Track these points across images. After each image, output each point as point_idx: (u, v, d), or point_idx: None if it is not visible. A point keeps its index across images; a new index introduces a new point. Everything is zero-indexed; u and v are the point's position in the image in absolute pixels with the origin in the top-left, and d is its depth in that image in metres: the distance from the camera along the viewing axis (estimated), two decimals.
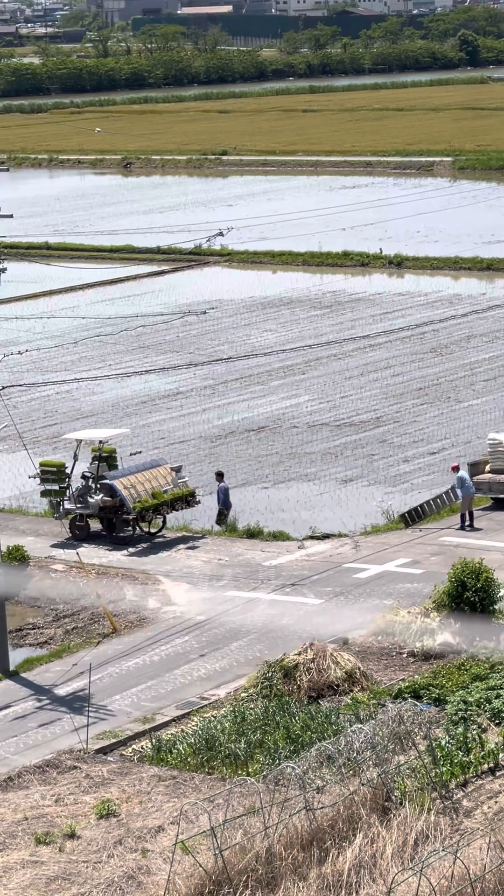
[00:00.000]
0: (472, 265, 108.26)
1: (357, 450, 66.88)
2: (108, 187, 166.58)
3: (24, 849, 35.11)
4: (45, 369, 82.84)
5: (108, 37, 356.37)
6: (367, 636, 46.40)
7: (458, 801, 35.45)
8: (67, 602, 51.56)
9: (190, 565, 53.64)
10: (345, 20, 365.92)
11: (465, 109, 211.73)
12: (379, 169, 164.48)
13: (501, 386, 75.33)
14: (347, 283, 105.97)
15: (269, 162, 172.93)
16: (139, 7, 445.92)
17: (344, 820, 33.68)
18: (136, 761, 39.48)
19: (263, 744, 38.97)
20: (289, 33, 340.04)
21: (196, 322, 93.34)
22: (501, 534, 55.00)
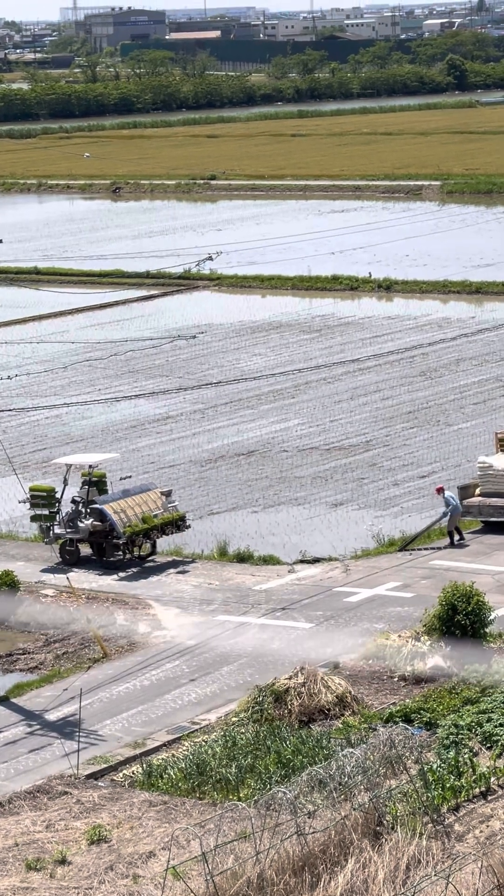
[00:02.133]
0: (461, 289, 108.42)
1: (347, 473, 66.91)
2: (97, 212, 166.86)
3: (15, 875, 35.06)
4: (35, 394, 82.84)
5: (97, 62, 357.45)
6: (357, 660, 46.40)
7: (449, 826, 35.44)
8: (58, 627, 51.54)
9: (180, 590, 53.63)
10: (333, 45, 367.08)
11: (453, 133, 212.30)
12: (368, 193, 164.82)
13: (491, 409, 75.40)
14: (336, 307, 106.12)
15: (258, 186, 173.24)
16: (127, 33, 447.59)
17: (335, 845, 33.65)
18: (126, 786, 39.44)
19: (254, 768, 38.94)
20: (277, 58, 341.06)
21: (185, 346, 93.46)
22: (492, 557, 55.03)
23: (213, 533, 58.95)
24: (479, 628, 46.07)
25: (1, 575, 51.88)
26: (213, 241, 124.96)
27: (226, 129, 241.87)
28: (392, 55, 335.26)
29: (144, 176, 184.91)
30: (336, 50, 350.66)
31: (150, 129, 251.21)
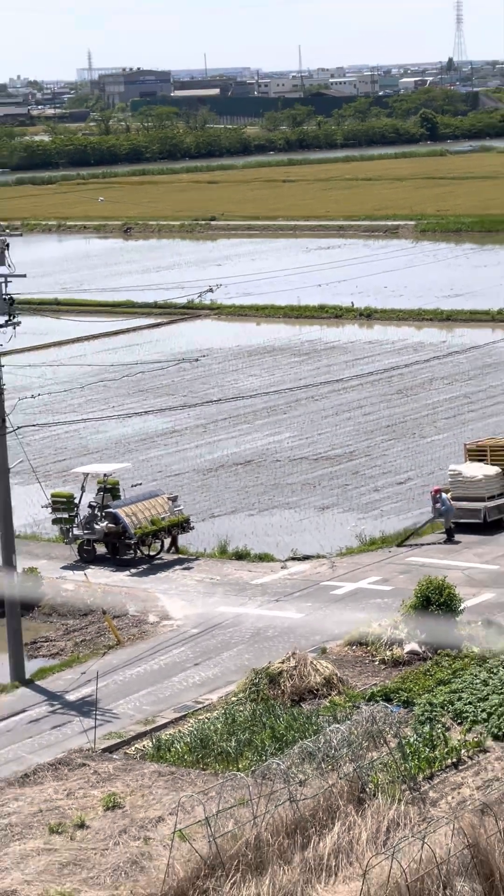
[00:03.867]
0: (434, 316, 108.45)
1: (333, 480, 66.93)
2: (111, 250, 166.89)
3: (39, 838, 35.07)
4: (55, 411, 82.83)
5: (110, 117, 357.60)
6: (342, 646, 46.41)
7: (425, 793, 35.45)
8: (76, 618, 51.55)
9: (185, 584, 53.65)
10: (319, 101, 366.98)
11: (426, 179, 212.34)
12: (350, 232, 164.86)
13: (460, 423, 75.42)
14: (323, 333, 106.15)
15: (253, 226, 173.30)
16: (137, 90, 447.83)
17: (324, 810, 33.65)
18: (138, 759, 39.45)
19: (251, 742, 38.95)
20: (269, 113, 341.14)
21: (189, 368, 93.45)
22: (462, 554, 55.05)
23: (214, 533, 58.95)
24: (450, 617, 46.09)
25: (26, 571, 51.89)
26: (213, 274, 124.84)
27: (224, 176, 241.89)
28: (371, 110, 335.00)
29: (152, 217, 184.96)
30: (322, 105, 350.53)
31: (157, 175, 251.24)
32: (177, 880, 31.89)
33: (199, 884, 31.79)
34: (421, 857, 30.67)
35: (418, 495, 62.17)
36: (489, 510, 57.87)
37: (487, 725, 39.20)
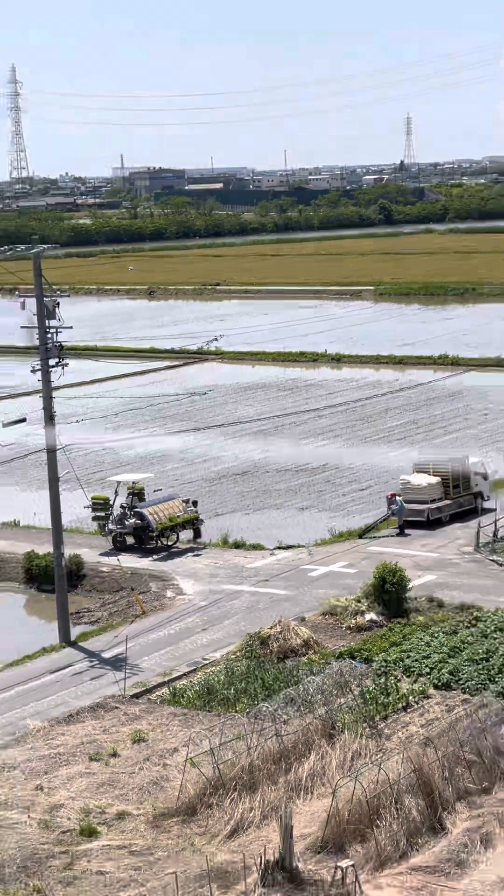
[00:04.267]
0: (389, 360, 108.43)
1: (310, 487, 66.92)
2: (138, 308, 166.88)
3: (81, 764, 35.07)
4: (95, 433, 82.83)
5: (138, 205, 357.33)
6: (317, 615, 46.43)
7: (381, 730, 35.47)
8: (110, 593, 51.53)
9: (195, 567, 53.63)
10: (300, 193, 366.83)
11: (383, 254, 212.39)
12: (324, 295, 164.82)
13: (409, 443, 75.40)
14: (303, 373, 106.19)
15: (249, 291, 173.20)
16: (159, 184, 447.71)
17: (302, 743, 33.69)
18: (158, 703, 39.45)
19: (247, 690, 38.96)
20: (262, 202, 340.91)
21: (199, 400, 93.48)
22: (411, 545, 55.04)
23: (218, 528, 58.90)
24: (401, 594, 46.18)
25: (71, 558, 51.87)
26: (218, 328, 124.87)
27: (227, 251, 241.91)
28: (341, 200, 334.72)
29: (171, 283, 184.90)
30: (302, 196, 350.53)
31: (174, 251, 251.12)
32: (188, 797, 31.95)
33: (205, 800, 31.85)
34: (378, 779, 30.72)
35: (376, 499, 62.24)
36: (431, 511, 57.90)
37: (430, 677, 39.23)
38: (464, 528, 56.87)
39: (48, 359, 45.90)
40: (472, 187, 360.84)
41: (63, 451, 48.64)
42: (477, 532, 54.47)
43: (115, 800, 32.79)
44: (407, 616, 45.37)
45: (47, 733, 37.25)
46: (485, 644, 41.26)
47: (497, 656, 40.13)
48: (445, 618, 44.72)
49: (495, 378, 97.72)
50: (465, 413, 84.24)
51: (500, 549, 52.99)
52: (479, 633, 42.45)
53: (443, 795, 30.94)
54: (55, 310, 45.59)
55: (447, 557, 52.87)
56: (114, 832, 31.26)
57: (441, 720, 35.81)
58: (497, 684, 38.32)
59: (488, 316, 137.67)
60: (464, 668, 39.49)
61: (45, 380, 46.14)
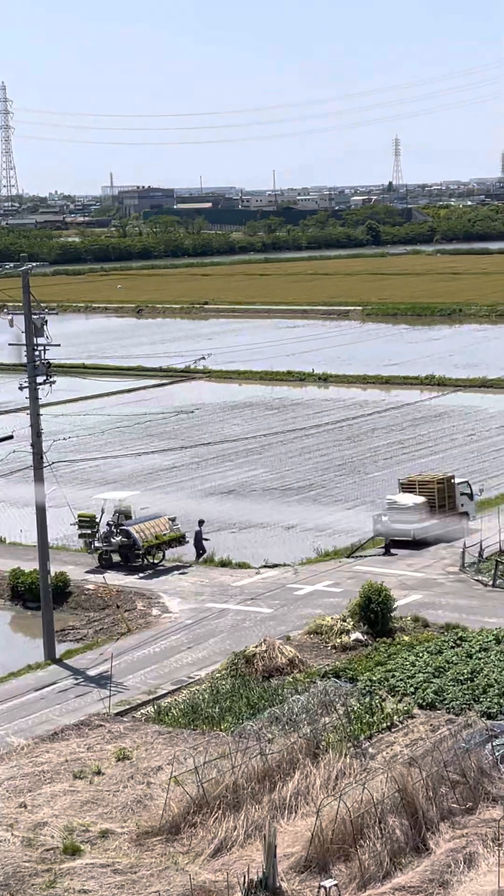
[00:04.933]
0: (376, 380, 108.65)
1: (296, 506, 66.91)
2: (126, 326, 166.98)
3: (66, 781, 34.95)
4: (82, 450, 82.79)
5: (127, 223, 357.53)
6: (303, 634, 46.37)
7: (365, 749, 35.41)
8: (96, 611, 51.42)
9: (181, 585, 53.56)
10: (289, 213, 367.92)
11: (370, 274, 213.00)
12: (311, 315, 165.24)
13: (395, 463, 75.52)
14: (290, 392, 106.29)
15: (237, 309, 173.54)
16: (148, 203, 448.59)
17: (287, 762, 33.62)
18: (143, 721, 39.34)
19: (231, 709, 38.88)
20: (250, 222, 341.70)
21: (186, 418, 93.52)
22: (396, 564, 55.06)
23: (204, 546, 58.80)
24: (386, 613, 46.15)
25: (57, 575, 51.77)
26: (205, 346, 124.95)
27: (215, 270, 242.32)
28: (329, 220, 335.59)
29: (159, 302, 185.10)
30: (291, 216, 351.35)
31: (163, 269, 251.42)
32: (172, 815, 31.84)
33: (189, 818, 31.74)
34: (362, 798, 30.67)
35: (363, 519, 62.25)
36: (417, 531, 57.94)
37: (414, 697, 39.21)
38: (449, 547, 56.90)
39: (36, 376, 45.88)
40: (460, 209, 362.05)
41: (50, 467, 48.57)
42: (462, 552, 54.51)
43: (99, 818, 32.67)
44: (392, 635, 45.35)
45: (31, 751, 37.13)
46: (469, 664, 41.25)
47: (481, 676, 40.13)
48: (430, 637, 44.71)
49: (481, 399, 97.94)
50: (451, 433, 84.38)
51: (485, 569, 53.03)
52: (463, 653, 42.44)
53: (427, 815, 30.89)
54: (43, 327, 45.60)
55: (432, 577, 52.88)
56: (97, 850, 31.14)
57: (425, 740, 35.77)
58: (481, 704, 38.31)
59: (475, 337, 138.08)
60: (448, 687, 39.47)
61: (33, 397, 46.12)
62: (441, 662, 41.56)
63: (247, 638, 45.65)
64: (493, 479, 69.59)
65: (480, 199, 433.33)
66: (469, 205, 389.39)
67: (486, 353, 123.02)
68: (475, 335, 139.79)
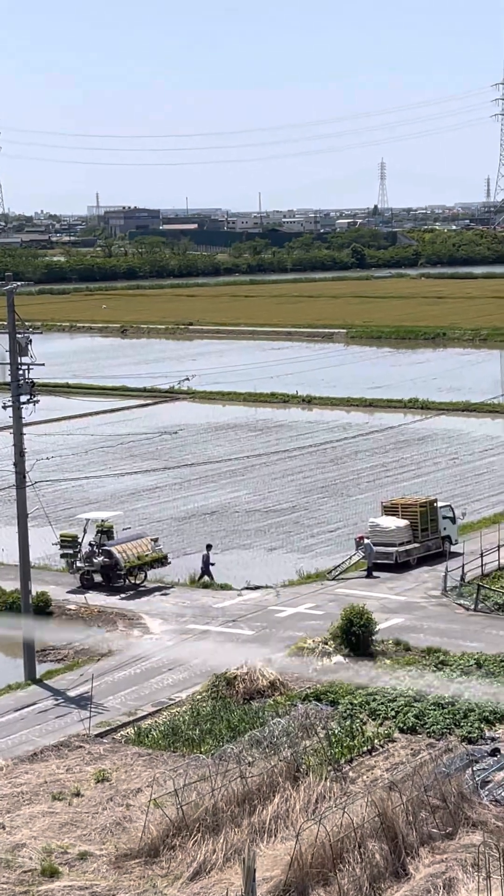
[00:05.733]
0: (359, 403, 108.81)
1: (279, 528, 66.89)
2: (111, 346, 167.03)
3: (44, 803, 34.79)
4: (65, 470, 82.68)
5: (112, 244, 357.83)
6: (284, 657, 46.29)
7: (346, 773, 35.34)
8: (77, 631, 51.25)
9: (163, 607, 53.45)
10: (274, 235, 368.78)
11: (355, 297, 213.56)
12: (296, 337, 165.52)
13: (378, 486, 75.58)
14: (273, 414, 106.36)
15: (221, 330, 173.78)
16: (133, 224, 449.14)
17: (267, 785, 33.51)
18: (123, 743, 39.20)
19: (212, 731, 38.78)
20: (236, 244, 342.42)
21: (170, 439, 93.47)
22: (378, 587, 55.06)
23: (186, 568, 58.72)
24: (367, 636, 46.11)
25: (39, 595, 51.58)
26: (189, 367, 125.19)
27: (200, 291, 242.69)
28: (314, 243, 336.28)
29: (143, 322, 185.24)
30: (276, 239, 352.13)
31: (148, 290, 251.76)
32: (151, 838, 31.70)
33: (168, 841, 31.61)
34: (342, 822, 30.58)
35: (345, 541, 62.25)
36: (399, 554, 57.98)
37: (395, 721, 39.16)
38: (431, 571, 56.93)
39: (19, 395, 45.83)
40: (444, 233, 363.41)
41: (33, 487, 48.46)
42: (444, 576, 54.53)
43: (78, 840, 32.51)
44: (373, 659, 45.30)
45: (10, 772, 36.94)
46: (451, 688, 41.23)
47: (462, 701, 40.10)
48: (412, 661, 44.68)
49: (465, 422, 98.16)
50: (434, 457, 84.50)
51: (467, 593, 53.05)
52: (445, 678, 42.42)
53: (406, 840, 30.80)
54: (28, 347, 45.58)
55: (414, 601, 52.88)
56: (76, 873, 30.97)
57: (406, 764, 35.70)
58: (462, 729, 38.29)
59: (458, 361, 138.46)
60: (429, 712, 39.43)
61: (16, 416, 46.06)
62: (422, 686, 41.51)
63: (228, 660, 45.49)
64: (476, 503, 69.69)
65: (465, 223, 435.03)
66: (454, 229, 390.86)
67: (469, 377, 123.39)
68: (459, 359, 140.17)
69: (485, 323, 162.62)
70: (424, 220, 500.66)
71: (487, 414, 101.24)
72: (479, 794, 33.22)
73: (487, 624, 49.60)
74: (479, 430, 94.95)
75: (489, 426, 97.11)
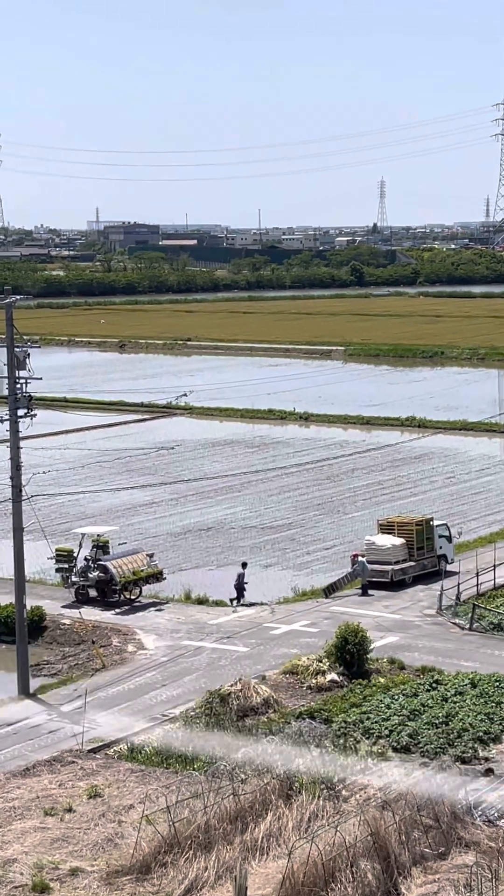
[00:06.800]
0: (356, 421, 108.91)
1: (275, 545, 66.84)
2: (109, 361, 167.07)
3: (36, 818, 34.69)
4: (61, 484, 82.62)
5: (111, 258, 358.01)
6: (278, 674, 46.22)
7: (339, 792, 35.24)
8: (71, 646, 51.16)
9: (157, 622, 53.37)
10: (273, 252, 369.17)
11: (353, 315, 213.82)
12: (294, 354, 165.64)
13: (374, 504, 75.58)
14: (271, 431, 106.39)
15: (220, 347, 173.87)
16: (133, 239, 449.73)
17: (260, 803, 33.44)
18: (116, 759, 39.11)
19: (205, 748, 38.64)
20: (235, 260, 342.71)
21: (167, 454, 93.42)
22: (373, 605, 55.01)
23: (181, 583, 58.71)
24: (362, 654, 46.04)
25: (33, 609, 51.52)
26: (187, 382, 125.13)
27: (198, 307, 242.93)
28: (313, 260, 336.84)
29: (142, 337, 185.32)
30: (275, 255, 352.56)
31: (146, 305, 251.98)
32: (143, 855, 31.61)
33: (160, 858, 31.52)
34: (334, 841, 30.51)
35: (341, 559, 62.22)
36: (395, 572, 57.94)
37: (389, 740, 39.09)
38: (427, 590, 56.89)
39: (17, 409, 45.83)
40: (443, 252, 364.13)
41: (29, 501, 48.43)
42: (440, 595, 54.49)
43: (69, 856, 32.41)
44: (368, 677, 45.24)
45: (2, 786, 36.83)
46: (445, 708, 41.17)
47: (456, 720, 40.04)
48: (406, 680, 44.62)
49: (461, 441, 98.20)
50: (430, 475, 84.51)
51: (462, 612, 53.00)
52: (439, 697, 42.36)
53: (399, 860, 30.72)
54: (25, 360, 45.59)
55: (409, 619, 52.83)
56: (67, 889, 30.87)
57: (399, 783, 35.61)
58: (456, 748, 38.21)
59: (456, 380, 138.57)
60: (423, 731, 39.36)
61: (14, 430, 46.06)
62: (416, 705, 41.46)
63: (222, 677, 45.47)
64: (472, 522, 69.69)
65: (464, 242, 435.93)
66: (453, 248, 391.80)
67: (467, 396, 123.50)
68: (456, 378, 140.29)
69: (483, 342, 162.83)
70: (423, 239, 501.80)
71: (484, 433, 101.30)
72: (472, 815, 33.15)
73: (482, 643, 49.56)
74: (475, 449, 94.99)
75: (486, 445, 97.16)
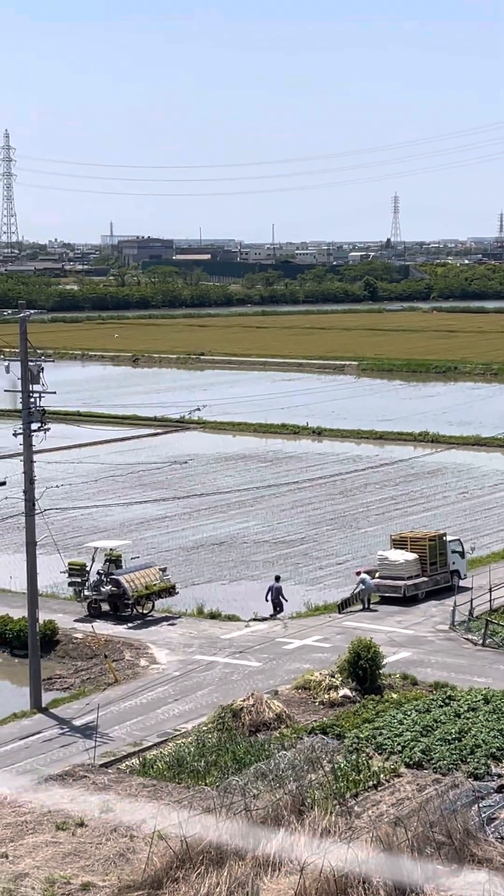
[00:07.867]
0: (370, 435, 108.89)
1: (287, 560, 66.77)
2: (122, 375, 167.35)
3: (48, 833, 34.64)
4: (74, 498, 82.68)
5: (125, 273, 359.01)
6: (291, 689, 46.15)
7: (351, 808, 35.13)
8: (84, 660, 51.15)
9: (170, 637, 53.33)
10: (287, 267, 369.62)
11: (367, 330, 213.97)
12: (307, 368, 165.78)
13: (387, 519, 75.49)
14: (284, 445, 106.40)
15: (233, 361, 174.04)
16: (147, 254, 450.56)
17: (272, 819, 33.34)
18: (128, 773, 39.05)
19: (217, 763, 38.61)
20: (248, 275, 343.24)
21: (180, 468, 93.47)
22: (385, 621, 54.90)
23: (193, 598, 58.69)
24: (375, 669, 45.95)
25: (46, 623, 51.53)
26: (200, 397, 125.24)
27: (212, 322, 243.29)
28: (327, 275, 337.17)
29: (155, 351, 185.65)
30: (289, 270, 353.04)
31: (160, 319, 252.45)
32: (154, 870, 31.51)
33: (171, 873, 31.42)
34: (346, 857, 30.40)
35: (353, 574, 62.09)
36: (408, 587, 57.85)
37: (402, 755, 38.97)
38: (440, 605, 56.78)
39: (30, 423, 45.90)
40: (457, 267, 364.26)
41: (42, 515, 48.47)
42: (453, 610, 54.37)
43: (81, 870, 32.34)
44: (380, 693, 45.13)
45: (14, 800, 36.80)
46: (457, 724, 41.03)
47: (469, 736, 39.90)
48: (419, 696, 44.49)
49: (474, 457, 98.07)
50: (443, 490, 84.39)
51: (475, 627, 52.87)
52: (452, 713, 42.22)
53: (411, 876, 30.57)
54: (39, 374, 45.67)
55: (422, 635, 52.72)
56: None
57: (412, 800, 35.49)
58: (469, 765, 38.07)
59: (469, 395, 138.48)
60: (436, 747, 39.23)
61: (27, 444, 46.11)
62: (429, 721, 41.32)
63: (234, 691, 45.40)
64: (486, 538, 69.56)
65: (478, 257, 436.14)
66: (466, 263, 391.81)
67: (480, 411, 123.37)
68: (470, 393, 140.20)
69: (496, 357, 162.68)
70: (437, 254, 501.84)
71: (498, 448, 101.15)
72: (485, 831, 33.02)
73: (495, 659, 49.43)
74: (489, 464, 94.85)
75: (499, 461, 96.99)
